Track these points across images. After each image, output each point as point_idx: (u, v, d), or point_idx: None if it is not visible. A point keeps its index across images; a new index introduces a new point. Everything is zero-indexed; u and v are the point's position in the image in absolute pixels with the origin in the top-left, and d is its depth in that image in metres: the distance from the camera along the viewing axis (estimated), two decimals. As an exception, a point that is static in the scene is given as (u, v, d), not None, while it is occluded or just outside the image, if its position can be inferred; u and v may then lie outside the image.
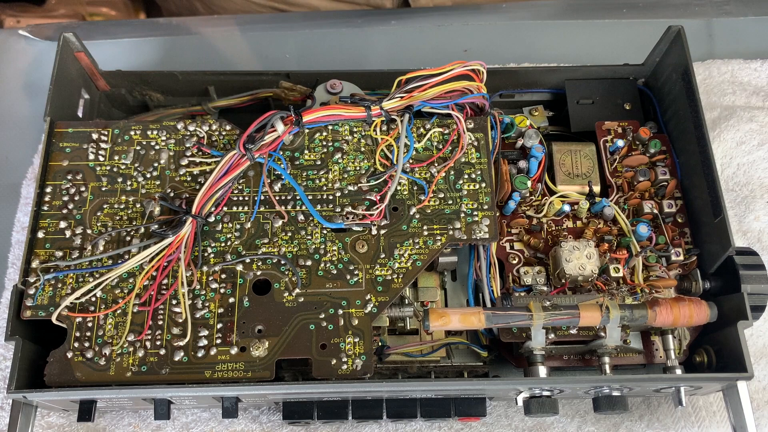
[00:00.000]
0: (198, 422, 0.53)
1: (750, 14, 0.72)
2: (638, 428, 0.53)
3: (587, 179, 0.53)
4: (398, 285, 0.47)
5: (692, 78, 0.53)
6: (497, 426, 0.53)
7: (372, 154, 0.51)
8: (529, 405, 0.47)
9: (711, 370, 0.49)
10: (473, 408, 0.49)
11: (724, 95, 0.67)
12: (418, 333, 0.50)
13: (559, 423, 0.53)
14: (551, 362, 0.49)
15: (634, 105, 0.58)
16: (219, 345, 0.45)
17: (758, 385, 0.54)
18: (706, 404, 0.53)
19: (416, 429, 0.53)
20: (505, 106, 0.60)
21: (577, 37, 0.72)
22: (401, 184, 0.50)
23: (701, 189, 0.50)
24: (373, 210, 0.49)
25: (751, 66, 0.68)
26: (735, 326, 0.46)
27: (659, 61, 0.57)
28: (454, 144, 0.51)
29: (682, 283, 0.51)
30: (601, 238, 0.51)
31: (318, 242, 0.48)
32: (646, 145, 0.54)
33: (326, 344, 0.45)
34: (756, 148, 0.63)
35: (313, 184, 0.50)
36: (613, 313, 0.45)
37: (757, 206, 0.61)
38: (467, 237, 0.48)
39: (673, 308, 0.46)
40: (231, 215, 0.49)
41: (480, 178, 0.50)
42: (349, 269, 0.47)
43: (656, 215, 0.52)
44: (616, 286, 0.49)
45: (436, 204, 0.49)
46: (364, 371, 0.45)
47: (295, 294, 0.46)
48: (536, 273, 0.50)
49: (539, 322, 0.45)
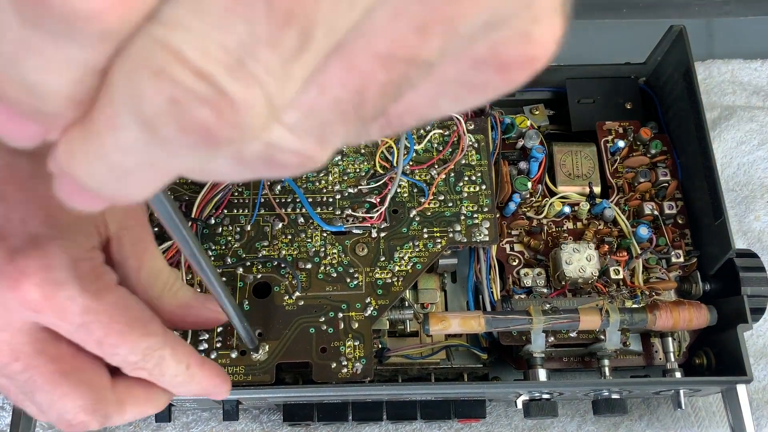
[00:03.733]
0: (198, 422, 0.53)
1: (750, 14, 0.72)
2: (638, 428, 0.53)
3: (588, 180, 0.53)
4: (398, 288, 0.47)
5: (694, 78, 0.52)
6: (497, 426, 0.53)
7: (372, 156, 0.51)
8: (529, 408, 0.47)
9: (710, 373, 0.49)
10: (473, 410, 0.49)
11: (724, 95, 0.66)
12: (418, 335, 0.51)
13: (559, 423, 0.53)
14: (551, 364, 0.49)
15: (636, 104, 0.57)
16: (219, 349, 0.45)
17: (758, 385, 0.55)
18: (705, 405, 0.53)
19: (416, 430, 0.53)
20: (505, 104, 0.59)
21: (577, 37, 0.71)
22: (401, 187, 0.50)
23: (702, 191, 0.50)
24: (373, 213, 0.49)
25: (751, 66, 0.68)
26: (735, 329, 0.46)
27: (661, 61, 0.57)
28: (454, 146, 0.51)
29: (682, 285, 0.51)
30: (601, 239, 0.51)
31: (318, 245, 0.48)
32: (647, 146, 0.54)
33: (326, 348, 0.45)
34: (756, 148, 0.63)
35: (312, 187, 0.50)
36: (612, 317, 0.45)
37: (758, 206, 0.61)
38: (467, 240, 0.48)
39: (673, 312, 0.46)
40: (231, 218, 0.49)
41: (480, 180, 0.50)
42: (349, 272, 0.47)
43: (657, 217, 0.52)
44: (616, 289, 0.49)
45: (436, 206, 0.49)
46: (364, 375, 0.45)
47: (295, 297, 0.47)
48: (536, 275, 0.50)
49: (539, 326, 0.45)
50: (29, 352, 0.32)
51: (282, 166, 0.16)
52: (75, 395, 0.32)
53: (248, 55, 0.13)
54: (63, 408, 0.32)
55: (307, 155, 0.16)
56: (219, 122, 0.14)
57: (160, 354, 0.33)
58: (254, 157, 0.16)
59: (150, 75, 0.13)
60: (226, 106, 0.13)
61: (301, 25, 0.13)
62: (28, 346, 0.32)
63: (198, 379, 0.36)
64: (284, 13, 0.13)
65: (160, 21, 0.13)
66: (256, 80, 0.14)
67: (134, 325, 0.32)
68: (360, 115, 0.16)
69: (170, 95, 0.13)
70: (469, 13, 0.15)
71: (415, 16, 0.15)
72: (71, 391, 0.32)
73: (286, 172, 0.16)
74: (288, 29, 0.13)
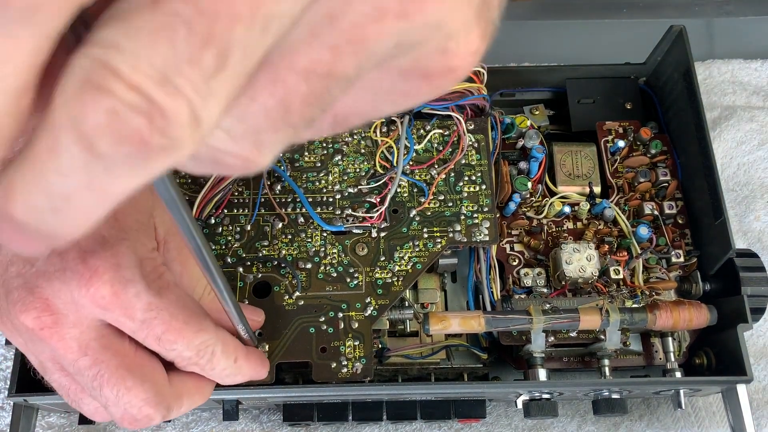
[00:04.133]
0: (198, 422, 0.53)
1: (750, 14, 0.72)
2: (638, 428, 0.53)
3: (588, 180, 0.53)
4: (398, 288, 0.47)
5: (694, 78, 0.52)
6: (497, 426, 0.53)
7: (372, 156, 0.51)
8: (529, 407, 0.47)
9: (710, 373, 0.49)
10: (473, 410, 0.49)
11: (725, 95, 0.66)
12: (418, 335, 0.51)
13: (559, 422, 0.53)
14: (551, 364, 0.49)
15: (636, 104, 0.57)
16: (219, 348, 0.45)
17: (758, 385, 0.55)
18: (705, 404, 0.54)
19: (416, 430, 0.53)
20: (505, 104, 0.59)
21: (577, 37, 0.71)
22: (401, 186, 0.50)
23: (702, 191, 0.50)
24: (373, 212, 0.48)
25: (751, 66, 0.68)
26: (735, 329, 0.46)
27: (661, 61, 0.57)
28: (454, 145, 0.51)
29: (683, 284, 0.51)
30: (601, 239, 0.51)
31: (318, 245, 0.48)
32: (647, 146, 0.54)
33: (326, 347, 0.45)
34: (756, 148, 0.63)
35: (313, 186, 0.50)
36: (612, 317, 0.45)
37: (758, 206, 0.61)
38: (467, 240, 0.48)
39: (673, 312, 0.46)
40: (231, 217, 0.49)
41: (480, 180, 0.50)
42: (349, 272, 0.47)
43: (657, 216, 0.52)
44: (616, 288, 0.49)
45: (436, 206, 0.49)
46: (364, 374, 0.45)
47: (295, 297, 0.47)
48: (536, 275, 0.50)
49: (539, 325, 0.45)
50: (97, 348, 0.34)
51: (227, 167, 0.18)
52: (139, 389, 0.34)
53: (173, 71, 0.15)
54: (129, 402, 0.34)
55: (245, 157, 0.18)
56: (151, 129, 0.15)
57: (213, 350, 0.36)
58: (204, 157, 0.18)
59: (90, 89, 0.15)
60: (156, 114, 0.15)
61: (218, 48, 0.15)
62: (95, 342, 0.34)
63: (244, 371, 0.39)
64: (202, 37, 0.15)
65: (97, 43, 0.15)
66: (181, 93, 0.15)
67: (190, 322, 0.35)
68: (288, 122, 0.18)
69: (108, 107, 0.15)
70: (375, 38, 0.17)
71: (326, 38, 0.17)
72: (135, 385, 0.34)
73: (233, 172, 0.18)
74: (206, 51, 0.15)
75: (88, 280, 0.32)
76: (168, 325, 0.34)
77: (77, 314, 0.33)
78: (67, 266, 0.33)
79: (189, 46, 0.15)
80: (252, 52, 0.16)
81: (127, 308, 0.33)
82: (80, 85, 0.15)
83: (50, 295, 0.33)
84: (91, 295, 0.32)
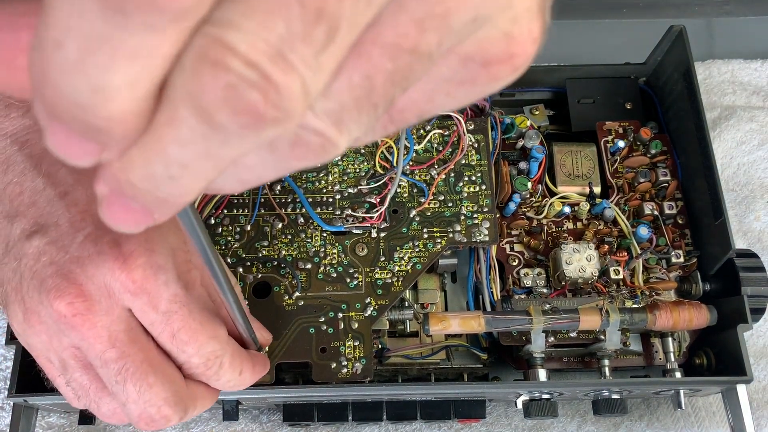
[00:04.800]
0: (198, 422, 0.53)
1: (750, 14, 0.72)
2: (638, 428, 0.53)
3: (588, 180, 0.53)
4: (398, 288, 0.47)
5: (694, 78, 0.52)
6: (497, 426, 0.53)
7: (372, 156, 0.51)
8: (529, 408, 0.47)
9: (710, 373, 0.49)
10: (473, 410, 0.49)
11: (725, 95, 0.66)
12: (418, 335, 0.51)
13: (559, 422, 0.53)
14: (551, 364, 0.49)
15: (636, 104, 0.57)
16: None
17: (758, 385, 0.55)
18: (705, 404, 0.54)
19: (416, 430, 0.53)
20: (505, 104, 0.59)
21: (577, 37, 0.71)
22: (401, 187, 0.50)
23: (702, 191, 0.50)
24: (373, 213, 0.48)
25: (751, 66, 0.68)
26: (735, 329, 0.46)
27: (661, 61, 0.57)
28: (454, 146, 0.51)
29: (682, 285, 0.51)
30: (601, 239, 0.51)
31: (318, 245, 0.48)
32: (647, 146, 0.54)
33: (326, 348, 0.45)
34: (756, 148, 0.63)
35: (312, 187, 0.50)
36: (612, 317, 0.45)
37: (758, 206, 0.61)
38: (467, 240, 0.48)
39: (673, 312, 0.46)
40: (231, 218, 0.49)
41: (480, 180, 0.50)
42: (348, 272, 0.47)
43: (657, 217, 0.52)
44: (616, 289, 0.49)
45: (436, 206, 0.49)
46: (364, 375, 0.45)
47: (295, 297, 0.47)
48: (536, 275, 0.50)
49: (539, 326, 0.45)
50: (125, 341, 0.34)
51: (306, 147, 0.18)
52: (160, 387, 0.34)
53: (287, 47, 0.16)
54: (149, 400, 0.34)
55: (327, 136, 0.18)
56: (266, 103, 0.16)
57: (221, 361, 0.36)
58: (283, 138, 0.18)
59: (209, 66, 0.15)
60: (270, 89, 0.16)
61: (328, 22, 0.16)
62: (123, 334, 0.34)
63: (247, 382, 0.39)
64: (314, 12, 0.15)
65: (214, 23, 0.15)
66: (294, 68, 0.16)
67: (206, 325, 0.35)
68: (371, 100, 0.18)
69: (226, 82, 0.15)
70: (459, 8, 0.18)
71: (414, 11, 0.17)
72: (157, 383, 0.34)
73: (310, 155, 0.18)
74: (317, 26, 0.16)
75: (122, 263, 0.33)
76: (185, 323, 0.34)
77: (108, 301, 0.33)
78: (102, 249, 0.33)
79: (302, 23, 0.16)
80: (357, 23, 0.17)
81: (153, 296, 0.33)
82: (199, 63, 0.16)
83: (84, 280, 0.33)
84: (124, 277, 0.33)
